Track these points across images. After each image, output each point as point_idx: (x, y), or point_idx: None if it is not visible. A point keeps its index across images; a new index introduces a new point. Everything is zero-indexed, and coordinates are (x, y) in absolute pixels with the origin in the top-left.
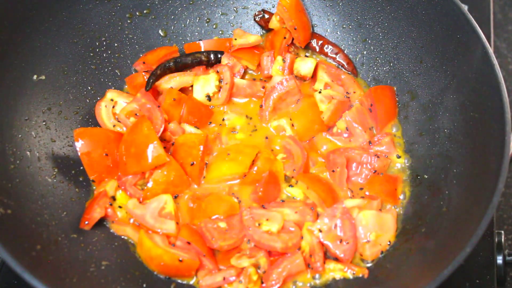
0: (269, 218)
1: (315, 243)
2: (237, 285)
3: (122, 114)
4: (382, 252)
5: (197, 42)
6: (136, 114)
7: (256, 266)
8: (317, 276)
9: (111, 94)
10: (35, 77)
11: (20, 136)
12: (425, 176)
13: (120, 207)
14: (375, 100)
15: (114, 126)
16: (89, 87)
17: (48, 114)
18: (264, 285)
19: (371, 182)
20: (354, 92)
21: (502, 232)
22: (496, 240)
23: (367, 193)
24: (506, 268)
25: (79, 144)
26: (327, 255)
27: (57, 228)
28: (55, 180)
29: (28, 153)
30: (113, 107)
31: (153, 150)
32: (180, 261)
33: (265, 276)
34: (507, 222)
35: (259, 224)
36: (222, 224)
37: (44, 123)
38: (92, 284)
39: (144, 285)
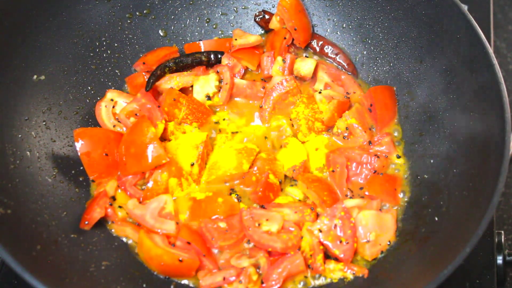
0: (269, 218)
1: (315, 243)
2: (237, 285)
3: (122, 114)
4: (382, 252)
5: (197, 42)
6: (136, 114)
7: (256, 266)
8: (317, 276)
9: (111, 94)
10: (35, 77)
11: (20, 136)
12: (425, 176)
13: (120, 207)
14: (375, 100)
15: (114, 126)
16: (89, 87)
17: (48, 114)
18: (264, 285)
19: (371, 182)
20: (354, 93)
21: (502, 232)
22: (496, 240)
23: (366, 193)
24: (506, 268)
25: (79, 144)
26: (327, 255)
27: (57, 228)
28: (55, 180)
29: (28, 153)
30: (113, 107)
31: (153, 150)
32: (180, 261)
33: (265, 276)
34: (507, 222)
35: (259, 224)
36: (222, 224)
37: (44, 123)
38: (92, 284)
39: (144, 285)
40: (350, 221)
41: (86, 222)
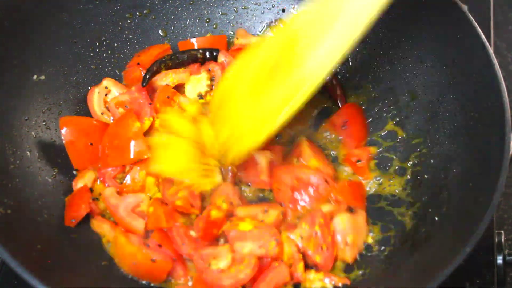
0: (215, 255)
1: (294, 251)
2: None
3: (112, 102)
4: (360, 254)
5: (190, 40)
6: (126, 106)
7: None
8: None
9: (106, 82)
10: (35, 77)
11: (20, 136)
12: (425, 176)
13: (97, 199)
14: (350, 117)
15: (102, 113)
16: (89, 87)
17: (48, 114)
18: None
19: (340, 187)
20: None
21: (502, 232)
22: (496, 240)
23: (333, 197)
24: (506, 268)
25: (64, 132)
26: (307, 265)
27: (57, 228)
28: (55, 180)
29: (28, 153)
30: (106, 95)
31: (135, 145)
32: (153, 261)
33: None
34: (507, 222)
35: (209, 265)
36: (193, 233)
37: (44, 123)
38: (92, 284)
39: (144, 283)
40: (329, 227)
41: (73, 220)
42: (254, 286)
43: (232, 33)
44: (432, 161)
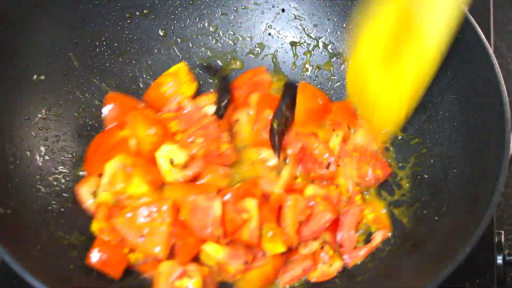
0: (291, 205)
1: (350, 185)
2: (321, 267)
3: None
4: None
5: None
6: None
7: (325, 244)
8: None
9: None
10: (35, 77)
11: (20, 136)
12: (425, 176)
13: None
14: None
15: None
16: (89, 87)
17: (48, 114)
18: (344, 248)
19: (334, 110)
20: None
21: (502, 232)
22: (496, 240)
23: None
24: (506, 268)
25: (108, 107)
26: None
27: (57, 228)
28: (55, 180)
29: (28, 153)
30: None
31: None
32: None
33: (341, 241)
34: (507, 222)
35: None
36: None
37: (44, 123)
38: (92, 284)
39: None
40: (359, 147)
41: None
42: (336, 232)
43: (232, 33)
44: (432, 161)
